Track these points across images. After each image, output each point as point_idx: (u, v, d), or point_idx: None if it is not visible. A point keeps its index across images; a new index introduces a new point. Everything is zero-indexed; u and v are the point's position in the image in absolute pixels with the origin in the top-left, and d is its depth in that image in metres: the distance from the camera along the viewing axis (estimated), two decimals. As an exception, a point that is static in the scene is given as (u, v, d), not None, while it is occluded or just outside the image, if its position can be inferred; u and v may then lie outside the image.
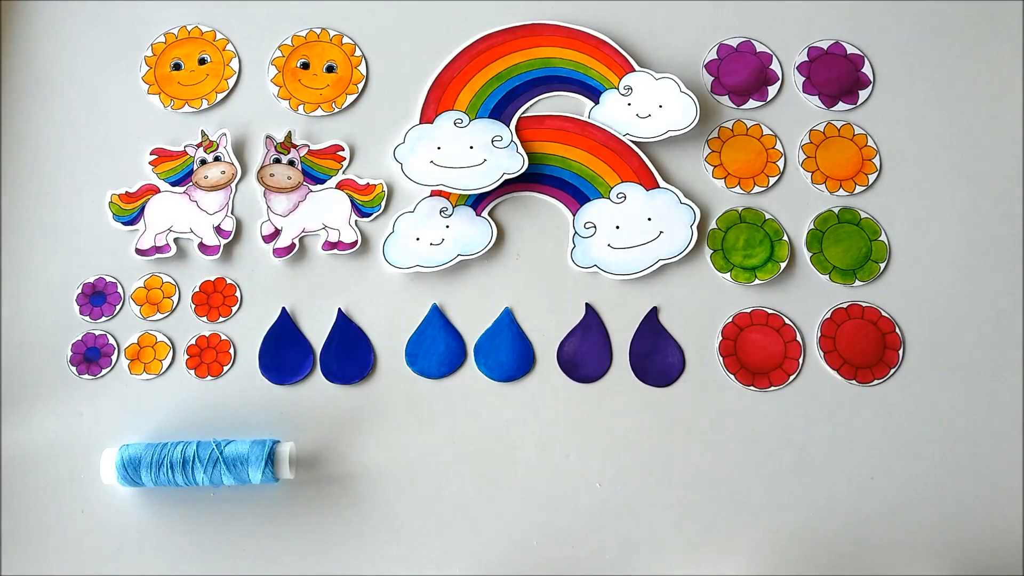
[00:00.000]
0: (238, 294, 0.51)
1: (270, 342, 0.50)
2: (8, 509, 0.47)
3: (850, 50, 0.57)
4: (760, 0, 0.58)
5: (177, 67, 0.56)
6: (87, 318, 0.51)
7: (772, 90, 0.56)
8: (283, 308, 0.51)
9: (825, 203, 0.54)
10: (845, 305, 0.52)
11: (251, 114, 0.55)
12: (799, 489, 0.48)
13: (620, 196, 0.53)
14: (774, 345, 0.51)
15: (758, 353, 0.51)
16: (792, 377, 0.50)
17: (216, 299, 0.51)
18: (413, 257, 0.51)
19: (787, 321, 0.51)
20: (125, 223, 0.52)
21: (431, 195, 0.53)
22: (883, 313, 0.51)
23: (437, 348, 0.50)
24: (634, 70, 0.55)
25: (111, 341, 0.50)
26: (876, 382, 0.50)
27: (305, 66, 0.56)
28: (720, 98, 0.56)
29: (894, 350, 0.51)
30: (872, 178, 0.54)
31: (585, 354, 0.50)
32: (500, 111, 0.54)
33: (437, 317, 0.51)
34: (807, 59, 0.57)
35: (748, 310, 0.51)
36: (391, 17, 0.57)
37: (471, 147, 0.53)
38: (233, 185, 0.53)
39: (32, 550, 0.47)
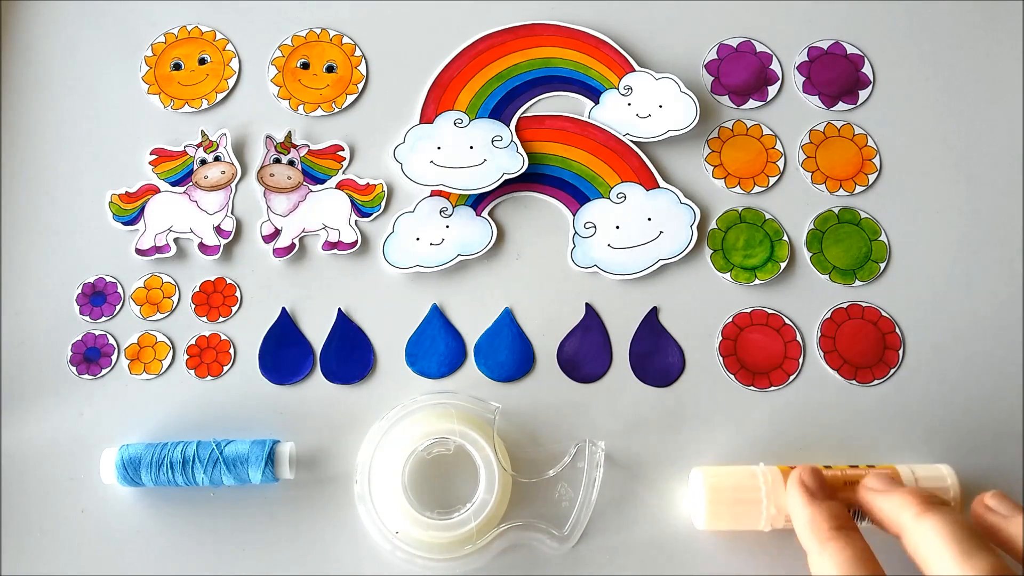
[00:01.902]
0: (238, 294, 0.51)
1: (270, 342, 0.50)
2: (8, 509, 0.47)
3: (850, 50, 0.57)
4: (760, 0, 0.58)
5: (177, 67, 0.56)
6: (87, 318, 0.51)
7: (772, 90, 0.56)
8: (283, 308, 0.51)
9: (825, 203, 0.54)
10: (845, 305, 0.52)
11: (251, 114, 0.55)
12: (799, 489, 0.48)
13: (620, 196, 0.53)
14: (774, 345, 0.51)
15: (758, 353, 0.51)
16: (792, 377, 0.50)
17: (216, 299, 0.51)
18: (413, 257, 0.51)
19: (787, 321, 0.51)
20: (125, 223, 0.52)
21: (431, 195, 0.53)
22: (883, 313, 0.51)
23: (437, 348, 0.50)
24: (634, 70, 0.55)
25: (111, 341, 0.50)
26: (876, 382, 0.50)
27: (305, 66, 0.56)
28: (720, 98, 0.56)
29: (894, 350, 0.51)
30: (872, 178, 0.54)
31: (585, 354, 0.50)
32: (500, 111, 0.54)
33: (437, 317, 0.51)
34: (807, 59, 0.57)
35: (748, 310, 0.51)
36: (391, 17, 0.57)
37: (471, 147, 0.53)
38: (233, 185, 0.53)
39: (32, 550, 0.47)
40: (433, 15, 0.57)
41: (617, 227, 0.52)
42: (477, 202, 0.53)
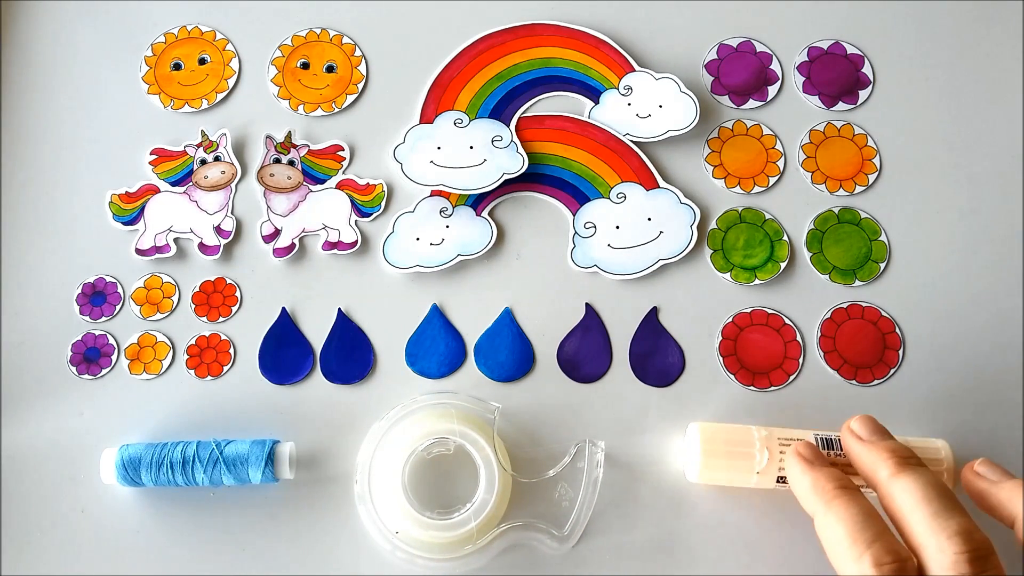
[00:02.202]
0: (238, 294, 0.51)
1: (270, 342, 0.50)
2: (8, 509, 0.47)
3: (850, 50, 0.57)
4: (760, 0, 0.58)
5: (177, 67, 0.56)
6: (87, 318, 0.51)
7: (772, 90, 0.56)
8: (283, 308, 0.51)
9: (825, 203, 0.54)
10: (845, 305, 0.52)
11: (251, 114, 0.55)
12: (799, 489, 0.48)
13: (620, 196, 0.53)
14: (774, 345, 0.51)
15: (758, 353, 0.51)
16: (792, 377, 0.50)
17: (216, 299, 0.51)
18: (413, 257, 0.51)
19: (787, 321, 0.51)
20: (125, 223, 0.52)
21: (431, 195, 0.53)
22: (883, 313, 0.51)
23: (437, 348, 0.50)
24: (634, 70, 0.55)
25: (111, 341, 0.50)
26: (876, 382, 0.50)
27: (305, 66, 0.56)
28: (720, 98, 0.56)
29: (894, 350, 0.51)
30: (872, 178, 0.54)
31: (585, 354, 0.50)
32: (500, 111, 0.54)
33: (437, 317, 0.51)
34: (807, 59, 0.57)
35: (748, 310, 0.51)
36: (391, 17, 0.57)
37: (471, 147, 0.53)
38: (233, 185, 0.53)
39: (32, 550, 0.47)
40: (433, 15, 0.57)
41: (617, 227, 0.52)
42: (477, 202, 0.53)
